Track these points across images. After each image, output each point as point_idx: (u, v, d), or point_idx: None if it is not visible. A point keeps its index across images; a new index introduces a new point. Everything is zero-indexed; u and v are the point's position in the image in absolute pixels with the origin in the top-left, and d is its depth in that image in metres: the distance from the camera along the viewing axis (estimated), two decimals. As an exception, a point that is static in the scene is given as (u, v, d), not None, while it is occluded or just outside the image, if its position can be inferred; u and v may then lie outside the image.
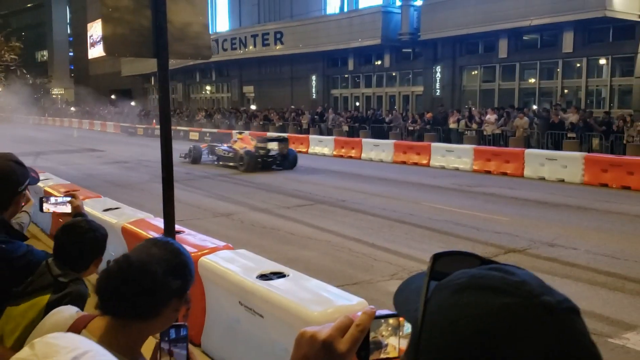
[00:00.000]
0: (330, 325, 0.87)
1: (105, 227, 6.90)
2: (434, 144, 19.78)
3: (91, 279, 2.22)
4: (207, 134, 30.05)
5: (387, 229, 9.55)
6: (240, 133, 20.99)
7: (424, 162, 19.16)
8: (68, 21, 76.23)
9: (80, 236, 2.24)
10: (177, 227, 5.62)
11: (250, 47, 33.36)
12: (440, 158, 18.75)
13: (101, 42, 3.36)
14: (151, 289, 1.47)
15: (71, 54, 74.26)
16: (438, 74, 26.13)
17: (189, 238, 5.28)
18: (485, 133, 20.36)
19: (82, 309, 1.78)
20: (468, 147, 18.56)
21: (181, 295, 1.54)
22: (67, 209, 2.85)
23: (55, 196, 3.04)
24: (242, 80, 38.57)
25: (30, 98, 57.13)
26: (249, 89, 38.24)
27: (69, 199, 2.87)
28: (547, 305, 0.64)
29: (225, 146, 19.50)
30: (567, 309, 0.65)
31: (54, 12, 76.82)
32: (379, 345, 0.91)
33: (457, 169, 17.84)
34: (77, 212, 2.79)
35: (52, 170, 14.51)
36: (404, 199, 12.50)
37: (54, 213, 3.02)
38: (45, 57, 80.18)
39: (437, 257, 0.74)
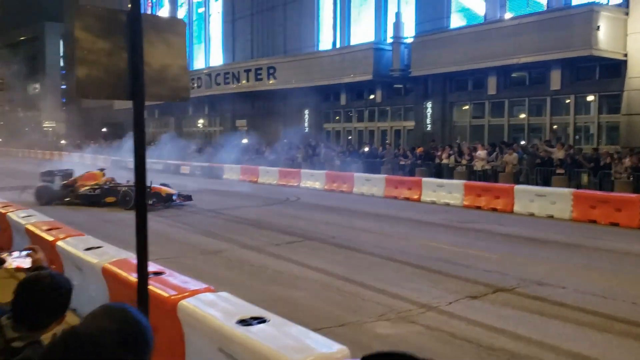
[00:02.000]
0: None
1: (86, 267, 6.66)
2: (425, 179, 19.77)
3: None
4: (199, 168, 30.02)
5: (377, 267, 9.44)
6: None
7: (415, 197, 19.12)
8: (61, 54, 76.61)
9: (41, 294, 2.04)
10: (158, 267, 5.51)
11: (244, 82, 33.57)
12: (432, 193, 18.71)
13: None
14: None
15: (64, 86, 74.44)
16: (429, 110, 26.36)
17: (170, 279, 5.16)
18: (475, 168, 20.42)
19: None
20: (459, 183, 18.54)
21: None
22: (27, 263, 2.64)
23: (16, 251, 2.81)
24: (235, 114, 38.73)
25: (20, 131, 56.89)
26: (241, 123, 38.36)
27: (28, 252, 2.69)
28: None
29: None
30: None
31: (47, 45, 77.17)
32: None
33: (447, 204, 17.80)
34: (38, 265, 2.62)
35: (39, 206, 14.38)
36: (395, 235, 12.42)
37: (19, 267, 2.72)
38: (37, 90, 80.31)
39: None
